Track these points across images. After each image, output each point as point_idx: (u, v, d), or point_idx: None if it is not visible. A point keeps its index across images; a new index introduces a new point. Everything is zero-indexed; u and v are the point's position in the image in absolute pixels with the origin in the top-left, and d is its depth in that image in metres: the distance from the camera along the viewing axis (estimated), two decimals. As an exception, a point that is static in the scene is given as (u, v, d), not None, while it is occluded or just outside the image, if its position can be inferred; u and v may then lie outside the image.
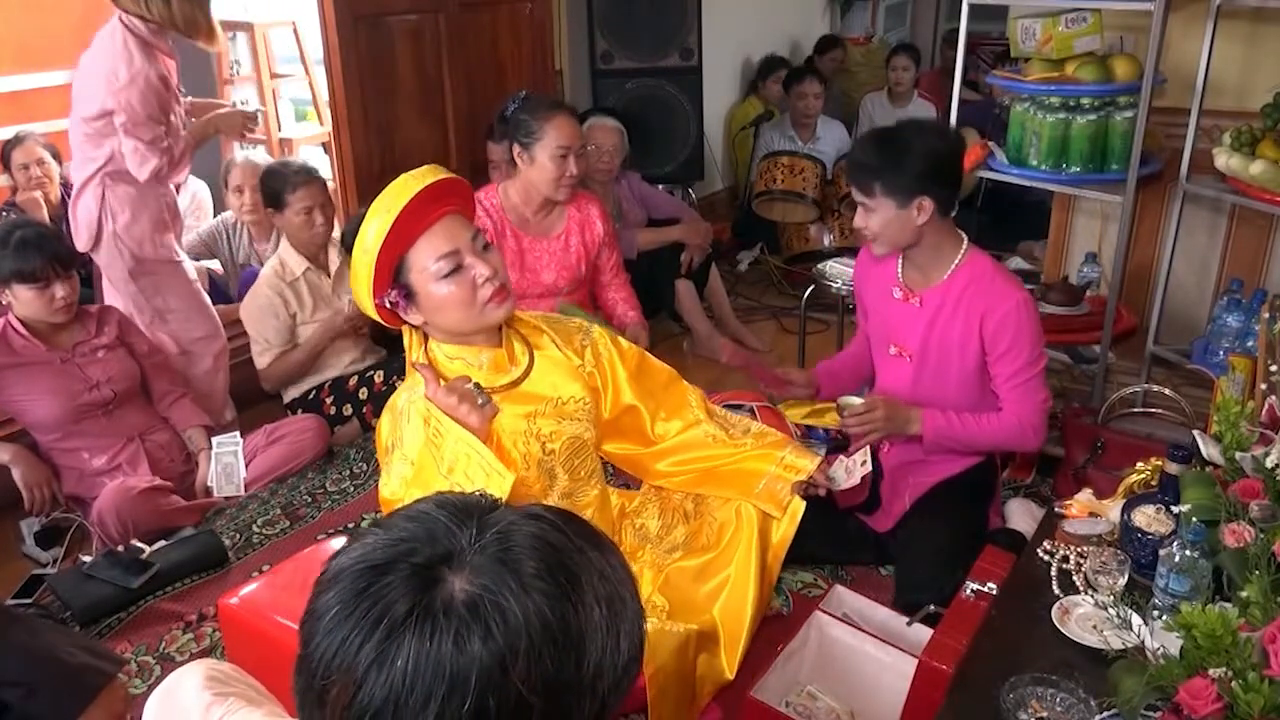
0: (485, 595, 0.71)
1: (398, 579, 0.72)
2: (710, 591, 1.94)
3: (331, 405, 3.11)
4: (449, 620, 0.70)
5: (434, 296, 1.69)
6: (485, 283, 1.70)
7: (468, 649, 0.69)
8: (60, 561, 2.57)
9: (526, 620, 0.71)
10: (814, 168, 4.41)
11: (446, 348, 1.77)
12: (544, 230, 3.01)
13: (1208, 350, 2.79)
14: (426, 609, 0.70)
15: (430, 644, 0.69)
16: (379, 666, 0.69)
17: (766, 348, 3.87)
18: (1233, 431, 1.64)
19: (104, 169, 2.70)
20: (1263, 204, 2.58)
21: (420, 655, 0.69)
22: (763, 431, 2.09)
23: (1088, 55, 2.79)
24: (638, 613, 0.79)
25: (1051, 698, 1.34)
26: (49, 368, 2.60)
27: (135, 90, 2.59)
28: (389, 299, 1.70)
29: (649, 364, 2.04)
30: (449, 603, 0.71)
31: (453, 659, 0.69)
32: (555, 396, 1.84)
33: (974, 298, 2.20)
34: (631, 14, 4.38)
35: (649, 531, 2.06)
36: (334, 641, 0.71)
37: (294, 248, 3.13)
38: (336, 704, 0.70)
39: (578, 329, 1.97)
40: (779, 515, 1.98)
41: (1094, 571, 1.52)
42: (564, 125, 2.84)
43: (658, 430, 2.03)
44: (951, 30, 5.25)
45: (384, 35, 3.51)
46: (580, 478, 1.89)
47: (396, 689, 0.68)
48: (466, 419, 1.60)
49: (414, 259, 1.68)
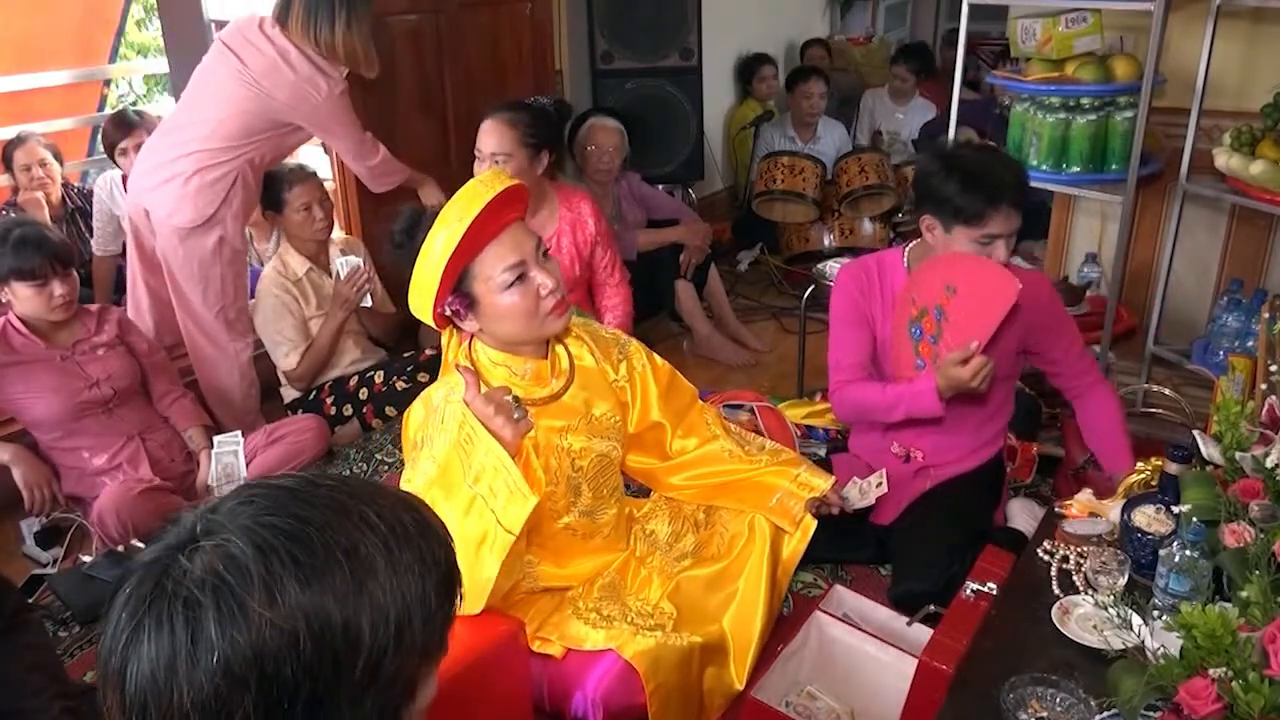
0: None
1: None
2: (720, 602, 1.95)
3: (331, 405, 3.11)
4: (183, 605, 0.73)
5: (497, 306, 1.68)
6: (549, 295, 1.70)
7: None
8: (60, 561, 2.58)
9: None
10: (814, 168, 4.41)
11: (492, 353, 1.76)
12: (535, 231, 2.99)
13: (1208, 350, 2.79)
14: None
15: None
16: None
17: (767, 348, 3.87)
18: (1233, 431, 1.64)
19: (245, 157, 2.84)
20: (1263, 204, 2.58)
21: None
22: (778, 449, 2.11)
23: (1088, 55, 2.79)
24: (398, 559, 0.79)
25: (1051, 698, 1.34)
26: (49, 365, 2.60)
27: (334, 99, 2.84)
28: (449, 307, 1.70)
29: (679, 382, 2.05)
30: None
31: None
32: (588, 412, 1.84)
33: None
34: (631, 14, 4.38)
35: (658, 538, 2.07)
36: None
37: (294, 249, 3.14)
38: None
39: (614, 341, 1.97)
40: (791, 530, 1.99)
41: (1094, 571, 1.52)
42: (482, 132, 2.81)
43: (675, 446, 2.04)
44: (951, 30, 5.25)
45: (384, 35, 3.50)
46: (603, 495, 1.90)
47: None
48: (501, 431, 1.54)
49: (479, 268, 1.67)
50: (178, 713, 0.72)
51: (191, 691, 0.71)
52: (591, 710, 1.72)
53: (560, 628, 1.81)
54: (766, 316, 4.22)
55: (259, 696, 0.72)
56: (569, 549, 1.92)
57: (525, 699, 1.72)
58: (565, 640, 1.78)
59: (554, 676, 1.77)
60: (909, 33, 6.92)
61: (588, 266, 3.08)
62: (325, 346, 3.11)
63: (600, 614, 1.84)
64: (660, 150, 4.53)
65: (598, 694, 1.71)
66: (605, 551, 1.98)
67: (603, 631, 1.78)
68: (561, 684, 1.76)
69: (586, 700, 1.72)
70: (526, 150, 2.80)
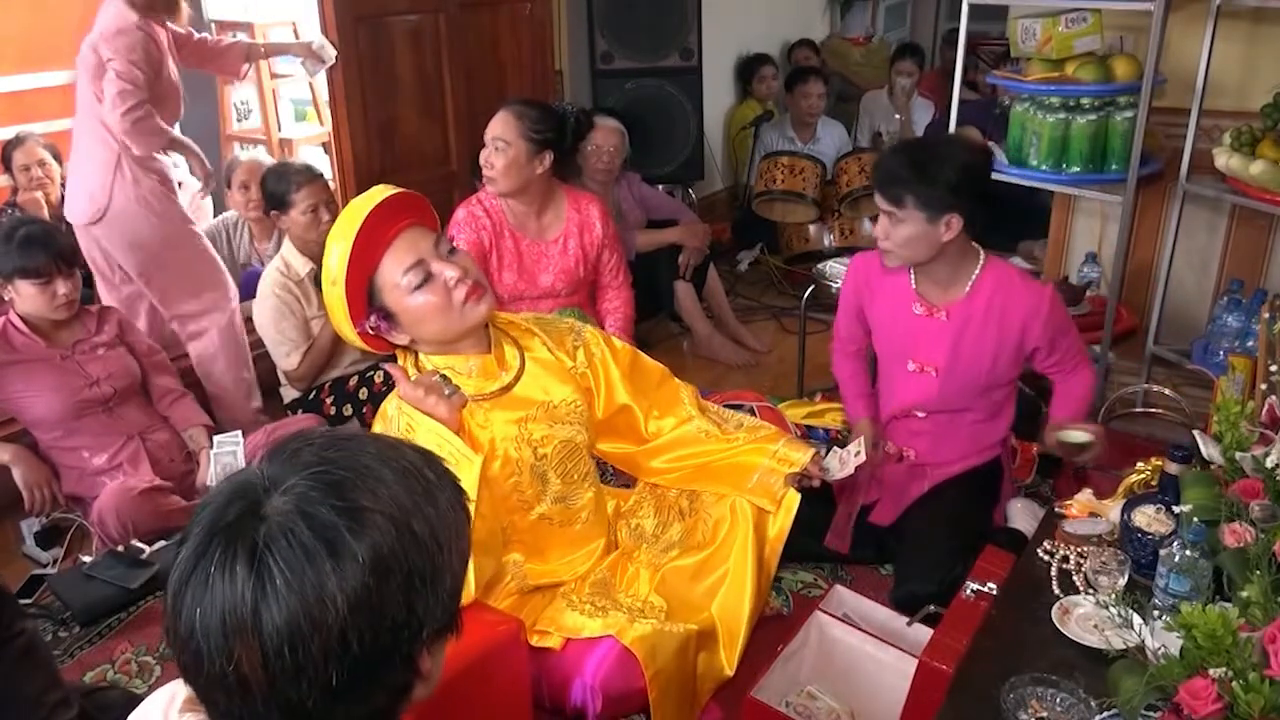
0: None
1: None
2: (708, 589, 1.94)
3: (331, 405, 3.11)
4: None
5: (411, 310, 1.70)
6: (457, 284, 1.70)
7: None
8: (60, 561, 2.58)
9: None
10: (814, 168, 4.41)
11: (435, 359, 1.78)
12: (541, 233, 3.00)
13: (1208, 350, 2.79)
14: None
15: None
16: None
17: (766, 348, 3.87)
18: (1233, 431, 1.63)
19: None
20: (1263, 204, 2.58)
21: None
22: (756, 425, 2.08)
23: (1088, 55, 2.79)
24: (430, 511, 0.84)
25: (1051, 698, 1.34)
26: (49, 364, 2.61)
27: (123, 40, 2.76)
28: (369, 324, 1.71)
29: (642, 363, 2.04)
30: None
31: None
32: (546, 400, 1.84)
33: (1006, 305, 2.21)
34: (631, 14, 4.38)
35: (645, 531, 2.06)
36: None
37: (298, 249, 3.13)
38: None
39: (569, 330, 1.97)
40: (773, 509, 1.97)
41: (1094, 571, 1.52)
42: (492, 120, 2.84)
43: (651, 428, 2.03)
44: (951, 30, 5.24)
45: (384, 35, 3.51)
46: (573, 481, 1.89)
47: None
48: (435, 410, 1.61)
49: (382, 279, 1.69)
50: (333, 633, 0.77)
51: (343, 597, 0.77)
52: (591, 697, 1.72)
53: (556, 620, 1.81)
54: (766, 316, 4.22)
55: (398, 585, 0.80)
56: (549, 540, 1.91)
57: (525, 697, 1.72)
58: (563, 631, 1.78)
59: (552, 668, 1.77)
60: (909, 33, 6.92)
61: (593, 269, 3.08)
62: (326, 347, 3.11)
63: (594, 605, 1.84)
64: (660, 150, 4.53)
65: (596, 681, 1.71)
66: (587, 539, 1.96)
67: (599, 619, 1.78)
68: (560, 674, 1.75)
69: (585, 688, 1.72)
70: (528, 144, 2.82)
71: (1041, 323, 2.21)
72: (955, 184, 2.08)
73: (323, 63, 3.34)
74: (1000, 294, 2.21)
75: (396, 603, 0.79)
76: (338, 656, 0.77)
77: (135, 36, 2.77)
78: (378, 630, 0.78)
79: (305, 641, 0.76)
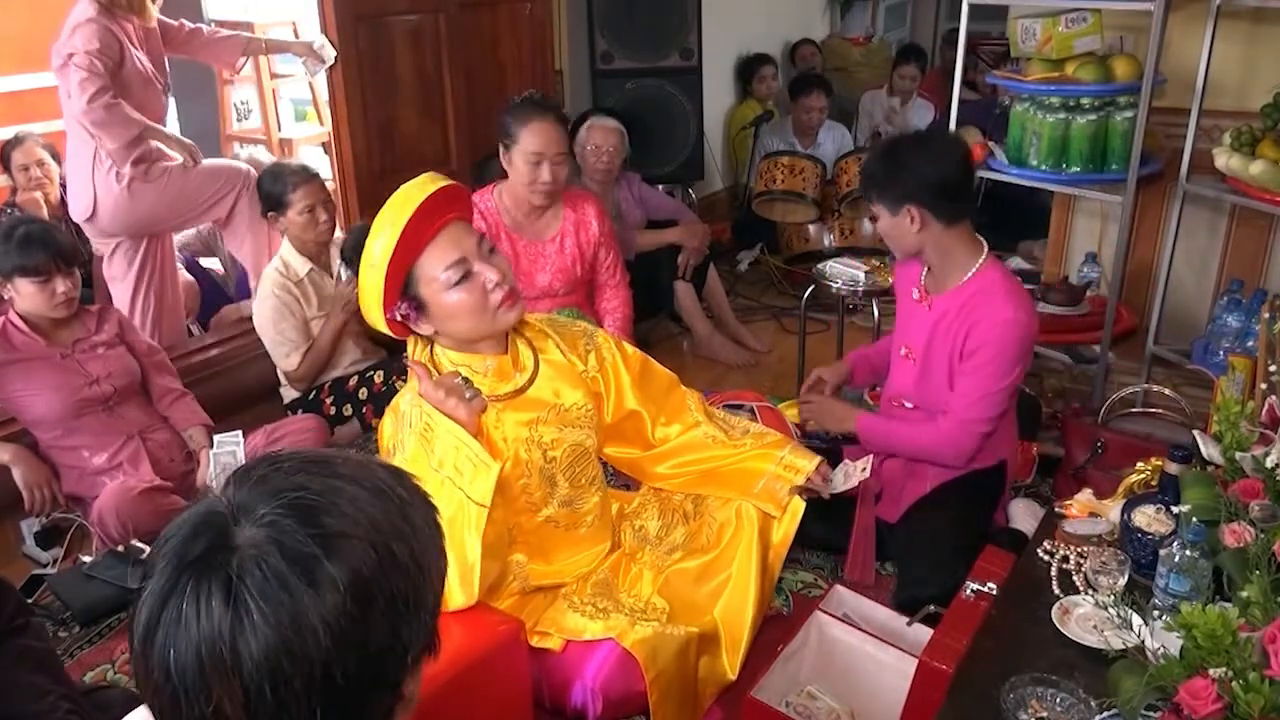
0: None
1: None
2: (711, 592, 1.94)
3: (331, 405, 3.11)
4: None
5: (445, 305, 1.69)
6: (495, 288, 1.70)
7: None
8: (60, 561, 2.58)
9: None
10: (814, 168, 4.41)
11: (452, 354, 1.77)
12: (538, 233, 3.00)
13: (1208, 350, 2.79)
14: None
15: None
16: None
17: (766, 348, 3.87)
18: (1233, 431, 1.64)
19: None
20: (1263, 204, 2.58)
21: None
22: (762, 432, 2.09)
23: (1088, 55, 2.79)
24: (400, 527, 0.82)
25: (1051, 698, 1.34)
26: (49, 363, 2.60)
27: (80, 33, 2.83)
28: (399, 312, 1.70)
29: (652, 369, 2.04)
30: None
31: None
32: (558, 403, 1.84)
33: (973, 309, 2.21)
34: (631, 14, 4.38)
35: (648, 533, 2.06)
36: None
37: (296, 250, 3.13)
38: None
39: (582, 333, 1.97)
40: (778, 515, 1.98)
41: (1094, 571, 1.52)
42: (539, 131, 2.78)
43: (658, 434, 2.03)
44: (951, 30, 5.25)
45: (384, 35, 3.51)
46: (581, 485, 1.89)
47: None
48: (454, 412, 1.61)
49: (422, 270, 1.68)
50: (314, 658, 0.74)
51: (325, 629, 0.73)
52: (591, 700, 1.72)
53: (557, 621, 1.81)
54: (766, 317, 4.22)
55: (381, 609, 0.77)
56: (554, 542, 1.92)
57: (526, 698, 1.72)
58: (563, 632, 1.78)
59: (552, 670, 1.77)
60: (909, 33, 6.92)
61: (590, 268, 3.08)
62: (326, 347, 3.11)
63: (596, 607, 1.84)
64: (660, 150, 4.53)
65: (597, 683, 1.71)
66: (591, 543, 1.97)
67: (600, 622, 1.78)
68: (560, 676, 1.76)
69: (586, 690, 1.72)
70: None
71: (981, 333, 2.17)
72: (905, 177, 2.16)
73: (323, 62, 3.34)
74: (978, 297, 2.21)
75: (380, 630, 0.76)
76: (321, 690, 0.73)
77: (91, 28, 2.84)
78: (362, 659, 0.75)
79: (286, 678, 0.72)
